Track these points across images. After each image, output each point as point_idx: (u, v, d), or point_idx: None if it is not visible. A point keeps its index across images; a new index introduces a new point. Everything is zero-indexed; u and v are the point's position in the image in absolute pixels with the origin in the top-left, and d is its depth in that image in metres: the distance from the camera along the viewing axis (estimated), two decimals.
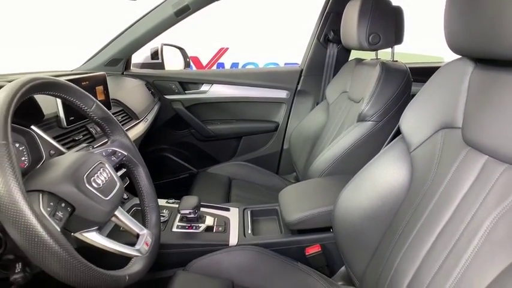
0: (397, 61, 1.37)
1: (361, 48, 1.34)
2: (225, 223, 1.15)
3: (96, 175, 0.63)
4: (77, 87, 0.69)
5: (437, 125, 0.77)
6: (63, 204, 0.56)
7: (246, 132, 1.99)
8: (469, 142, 0.68)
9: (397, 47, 1.37)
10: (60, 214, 0.54)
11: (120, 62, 1.68)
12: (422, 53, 2.29)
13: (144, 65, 1.98)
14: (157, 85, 1.86)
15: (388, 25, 1.29)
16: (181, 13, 1.54)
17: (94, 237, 0.60)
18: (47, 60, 2.86)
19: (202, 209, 1.17)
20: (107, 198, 0.62)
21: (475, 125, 0.67)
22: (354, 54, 1.70)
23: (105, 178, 0.65)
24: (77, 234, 0.59)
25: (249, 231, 1.13)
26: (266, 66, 4.08)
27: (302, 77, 1.92)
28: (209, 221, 1.14)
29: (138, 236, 0.72)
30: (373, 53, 1.44)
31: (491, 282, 0.53)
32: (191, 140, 1.99)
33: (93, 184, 0.61)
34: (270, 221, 1.23)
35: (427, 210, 0.73)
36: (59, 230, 0.50)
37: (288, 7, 3.82)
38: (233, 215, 1.21)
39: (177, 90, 1.90)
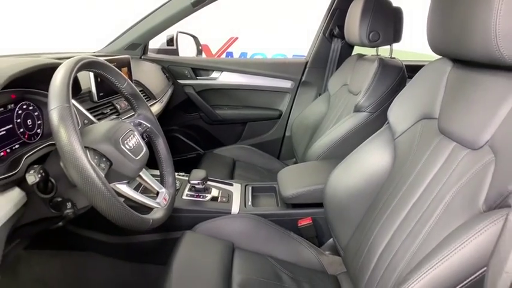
0: (394, 58, 1.49)
1: (361, 44, 1.46)
2: (228, 195, 1.29)
3: (128, 139, 0.77)
4: (114, 67, 0.83)
5: (418, 115, 0.90)
6: (103, 159, 0.70)
7: (251, 118, 2.12)
8: (442, 131, 0.80)
9: (399, 45, 1.48)
10: (102, 166, 0.69)
11: (138, 47, 1.82)
12: (423, 52, 2.38)
13: (160, 51, 2.10)
14: (172, 70, 1.99)
15: (387, 24, 1.41)
16: (198, 4, 1.66)
17: (125, 189, 0.75)
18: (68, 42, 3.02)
19: (208, 182, 1.32)
20: (137, 158, 0.76)
21: (448, 116, 0.79)
22: (357, 50, 1.81)
23: (134, 142, 0.79)
24: (112, 185, 0.74)
25: (249, 203, 1.27)
26: (274, 57, 4.17)
27: (307, 69, 2.03)
28: (214, 192, 1.28)
29: (158, 193, 0.86)
30: (375, 49, 1.55)
31: (443, 240, 0.66)
32: (200, 123, 2.13)
33: (126, 146, 0.75)
34: (268, 197, 1.37)
35: (403, 189, 0.86)
36: (103, 176, 0.65)
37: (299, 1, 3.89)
38: (236, 189, 1.36)
39: (190, 75, 2.03)
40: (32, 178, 0.68)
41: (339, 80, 1.75)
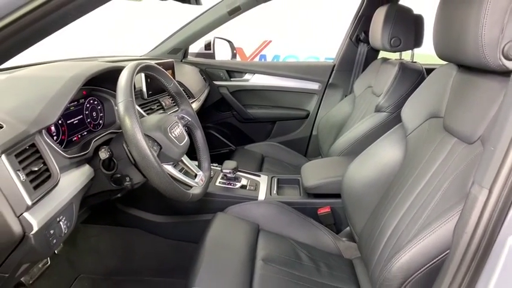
0: (416, 62, 1.57)
1: (384, 49, 1.56)
2: (256, 184, 1.44)
3: (174, 129, 0.94)
4: (163, 69, 1.00)
5: (427, 115, 1.00)
6: (155, 143, 0.88)
7: (280, 117, 2.26)
8: (446, 128, 0.91)
9: (425, 49, 1.55)
10: (155, 148, 0.86)
11: (180, 51, 2.03)
12: None
13: (198, 55, 2.30)
14: (209, 72, 2.18)
15: (408, 30, 1.50)
16: (233, 12, 1.84)
17: (171, 169, 0.92)
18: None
19: (238, 173, 1.48)
20: (181, 144, 0.93)
21: (452, 115, 0.89)
22: (383, 54, 1.90)
23: (179, 132, 0.96)
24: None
25: (274, 192, 1.41)
26: (306, 60, 4.26)
27: (334, 72, 2.15)
28: (244, 181, 1.44)
29: (196, 175, 1.03)
30: (401, 54, 1.64)
31: (433, 218, 0.77)
32: (232, 121, 2.31)
33: (173, 134, 0.92)
34: (292, 188, 1.50)
35: (410, 180, 0.96)
36: (156, 155, 0.82)
37: (334, 5, 3.96)
38: (263, 180, 1.50)
39: (224, 77, 2.21)
40: (103, 154, 0.87)
41: (364, 82, 1.84)
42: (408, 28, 1.49)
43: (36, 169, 0.70)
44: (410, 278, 0.71)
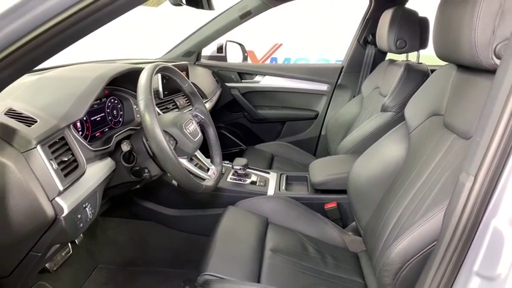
0: (421, 63, 1.62)
1: (389, 50, 1.61)
2: (265, 180, 1.51)
3: (188, 125, 1.02)
4: (179, 71, 1.08)
5: (429, 113, 1.05)
6: (172, 138, 0.95)
7: (289, 118, 2.32)
8: (446, 125, 0.95)
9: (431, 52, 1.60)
10: (171, 142, 0.93)
11: (193, 54, 2.11)
12: None
13: (211, 57, 2.38)
14: (221, 74, 2.26)
15: (413, 33, 1.54)
16: (245, 16, 1.91)
17: (185, 162, 0.99)
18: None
19: (249, 170, 1.54)
20: (195, 140, 1.01)
21: (451, 112, 0.94)
22: (391, 56, 1.94)
23: (193, 128, 1.03)
24: None
25: (283, 188, 1.48)
26: (317, 62, 4.31)
27: (342, 73, 2.20)
28: (254, 177, 1.50)
29: (208, 169, 1.10)
30: (409, 55, 1.69)
31: (429, 207, 0.82)
32: (243, 121, 2.38)
33: (187, 130, 1.00)
34: (300, 184, 1.56)
35: (412, 175, 1.01)
36: (173, 149, 0.89)
37: (344, 9, 4.00)
38: (272, 177, 1.57)
39: (236, 79, 2.28)
40: (125, 147, 0.95)
41: (372, 84, 1.89)
42: (413, 30, 1.54)
43: (66, 159, 0.78)
44: (408, 262, 0.76)
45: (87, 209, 0.84)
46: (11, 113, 0.77)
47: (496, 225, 0.55)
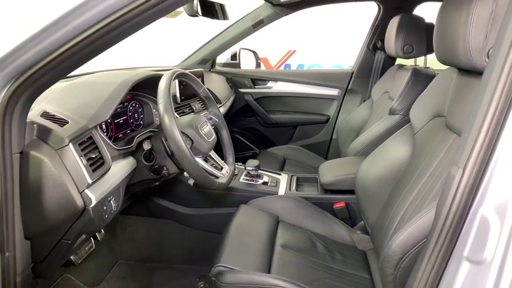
0: (428, 67, 1.66)
1: (397, 55, 1.66)
2: (276, 181, 1.57)
3: (203, 127, 1.10)
4: (195, 77, 1.17)
5: (432, 114, 1.10)
6: (188, 138, 1.03)
7: (301, 122, 2.39)
8: (448, 126, 1.00)
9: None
10: (188, 142, 1.02)
11: (208, 62, 2.21)
12: None
13: (225, 64, 2.48)
14: (234, 80, 2.35)
15: (420, 38, 1.59)
16: (257, 25, 2.00)
17: (201, 161, 1.07)
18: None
19: (261, 171, 1.61)
20: (209, 140, 1.09)
21: (453, 114, 0.99)
22: (400, 61, 1.99)
23: (208, 130, 1.11)
24: None
25: (293, 188, 1.53)
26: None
27: (352, 78, 2.26)
28: (265, 178, 1.57)
29: (222, 168, 1.18)
30: (418, 60, 1.73)
31: (428, 201, 0.86)
32: (256, 126, 2.45)
33: (202, 131, 1.08)
34: (310, 185, 1.62)
35: (415, 174, 1.06)
36: (190, 148, 0.97)
37: (356, 16, 4.05)
38: (283, 178, 1.63)
39: (249, 85, 2.37)
40: (146, 146, 1.04)
41: (381, 88, 1.94)
42: (420, 36, 1.58)
43: (93, 156, 0.87)
44: (408, 253, 0.81)
45: (111, 201, 0.92)
46: (46, 115, 0.86)
47: (483, 213, 0.60)
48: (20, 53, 0.68)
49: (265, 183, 1.54)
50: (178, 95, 1.43)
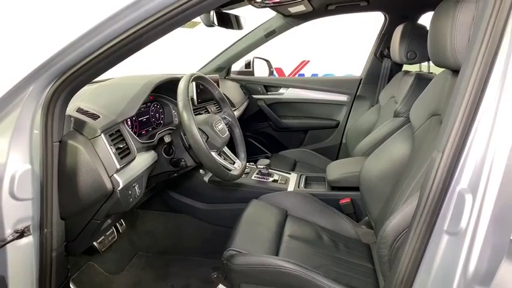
0: (431, 73, 1.74)
1: (401, 62, 1.75)
2: (286, 179, 1.67)
3: (218, 124, 1.21)
4: (211, 80, 1.29)
5: (429, 113, 1.18)
6: (204, 134, 1.15)
7: (312, 126, 2.49)
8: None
9: None
10: (203, 137, 1.13)
11: (224, 69, 2.35)
12: None
13: (239, 72, 2.61)
14: (248, 87, 2.48)
15: (423, 45, 1.66)
16: (270, 35, 2.13)
17: (215, 155, 1.18)
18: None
19: (271, 170, 1.71)
20: (223, 136, 1.20)
21: (448, 112, 1.07)
22: (407, 67, 2.07)
23: (222, 127, 1.23)
24: None
25: (302, 185, 1.62)
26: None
27: (361, 85, 2.35)
28: (276, 176, 1.67)
29: (234, 162, 1.29)
30: (423, 66, 1.82)
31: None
32: (269, 130, 2.56)
33: (217, 128, 1.19)
34: (318, 184, 1.70)
35: (413, 169, 1.14)
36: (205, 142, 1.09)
37: (368, 26, 4.14)
38: (293, 177, 1.72)
39: (262, 91, 2.49)
40: (167, 139, 1.16)
41: (388, 93, 2.02)
42: (423, 43, 1.65)
43: (121, 146, 1.00)
44: (400, 234, 0.89)
45: (136, 187, 1.04)
46: (81, 111, 1.00)
47: (460, 190, 0.68)
48: (62, 56, 0.80)
49: (275, 181, 1.64)
50: (195, 97, 1.55)
